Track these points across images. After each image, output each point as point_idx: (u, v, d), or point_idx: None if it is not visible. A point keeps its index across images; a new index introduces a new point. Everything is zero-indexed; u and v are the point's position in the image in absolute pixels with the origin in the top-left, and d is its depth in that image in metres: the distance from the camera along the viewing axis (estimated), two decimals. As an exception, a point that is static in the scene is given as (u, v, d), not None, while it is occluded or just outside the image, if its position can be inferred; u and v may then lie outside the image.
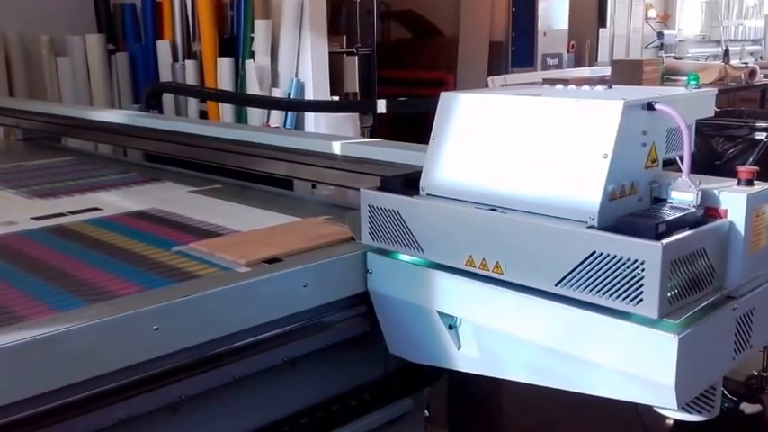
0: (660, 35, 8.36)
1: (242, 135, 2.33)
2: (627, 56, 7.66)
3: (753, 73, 5.75)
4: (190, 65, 4.44)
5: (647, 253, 1.09)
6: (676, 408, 1.12)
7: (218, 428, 1.39)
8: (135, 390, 1.23)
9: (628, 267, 1.11)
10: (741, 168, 1.23)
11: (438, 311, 1.38)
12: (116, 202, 2.07)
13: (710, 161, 3.79)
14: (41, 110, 3.27)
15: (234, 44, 4.32)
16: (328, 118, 4.24)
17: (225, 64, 4.24)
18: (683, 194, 1.22)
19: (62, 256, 1.56)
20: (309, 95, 4.20)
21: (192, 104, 4.49)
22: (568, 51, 7.09)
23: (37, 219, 1.87)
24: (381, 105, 2.94)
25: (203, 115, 4.45)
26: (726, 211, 1.21)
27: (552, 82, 2.34)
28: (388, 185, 1.48)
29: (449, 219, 1.35)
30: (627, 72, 4.94)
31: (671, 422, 1.74)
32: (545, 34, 6.91)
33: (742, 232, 1.19)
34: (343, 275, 1.49)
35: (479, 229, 1.29)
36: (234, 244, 1.57)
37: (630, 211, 1.20)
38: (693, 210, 1.19)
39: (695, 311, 1.13)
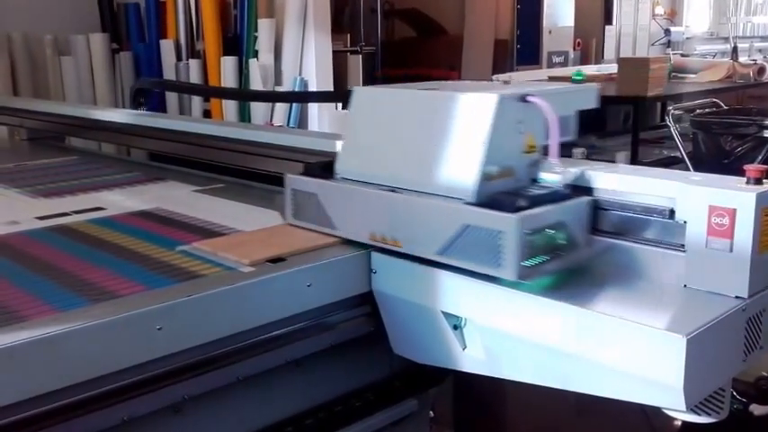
0: (667, 32, 8.26)
1: (244, 134, 2.32)
2: (634, 53, 7.57)
3: (761, 70, 5.69)
4: (194, 64, 4.44)
5: (506, 224, 1.26)
6: (685, 409, 1.10)
7: (222, 429, 1.39)
8: (138, 390, 1.23)
9: (492, 237, 1.27)
10: (750, 167, 1.22)
11: (443, 311, 1.37)
12: (120, 201, 2.06)
13: (719, 160, 3.77)
14: (45, 109, 3.26)
15: (238, 43, 4.31)
16: (332, 116, 4.22)
17: (229, 63, 4.23)
18: (551, 175, 1.39)
19: (65, 255, 1.56)
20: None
21: (196, 103, 4.49)
22: (574, 49, 7.03)
23: (41, 218, 1.87)
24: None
25: (207, 114, 4.45)
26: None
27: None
28: (309, 171, 1.65)
29: (355, 199, 1.52)
30: (633, 70, 4.89)
31: (679, 424, 1.72)
32: (550, 32, 6.86)
33: (751, 232, 1.17)
34: (347, 275, 1.48)
35: (380, 208, 1.47)
36: (237, 243, 1.56)
37: (506, 190, 1.35)
38: (558, 189, 1.36)
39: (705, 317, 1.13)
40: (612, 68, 5.87)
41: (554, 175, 1.38)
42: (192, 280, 1.37)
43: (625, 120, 6.46)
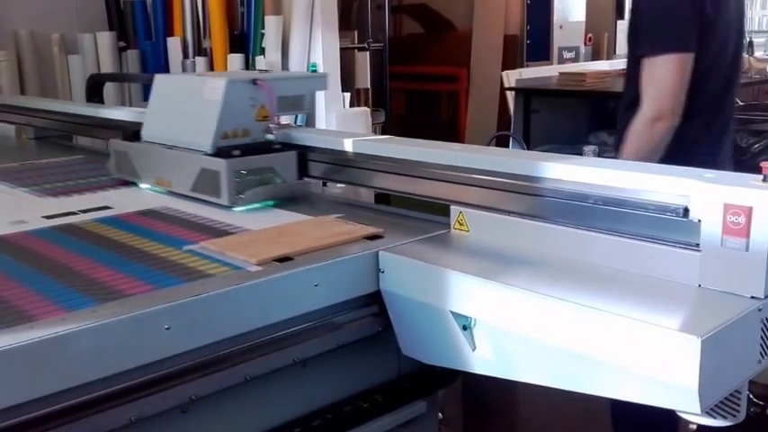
0: None
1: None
2: None
3: (778, 65, 5.62)
4: (200, 61, 4.42)
5: (220, 166, 1.85)
6: (700, 412, 1.08)
7: (229, 429, 1.38)
8: (145, 390, 1.22)
9: (216, 176, 1.86)
10: (766, 164, 1.20)
11: (451, 311, 1.36)
12: (127, 200, 2.05)
13: (735, 157, 3.73)
14: (52, 108, 3.25)
15: (244, 40, 4.30)
16: (340, 115, 4.21)
17: (235, 60, 4.22)
18: (269, 135, 1.97)
19: (73, 254, 1.55)
20: (321, 91, 4.16)
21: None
22: (585, 44, 6.93)
23: (48, 217, 1.86)
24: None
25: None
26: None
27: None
28: (125, 136, 2.25)
29: (149, 155, 2.13)
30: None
31: (694, 427, 1.70)
32: (561, 27, 6.78)
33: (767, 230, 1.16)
34: (354, 275, 1.46)
35: (160, 160, 2.08)
36: (245, 243, 1.55)
37: (236, 145, 1.90)
38: (270, 143, 1.97)
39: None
40: (624, 63, 5.81)
41: (271, 135, 1.97)
42: (200, 279, 1.36)
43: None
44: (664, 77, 2.17)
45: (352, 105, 4.44)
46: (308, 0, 4.02)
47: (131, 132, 2.22)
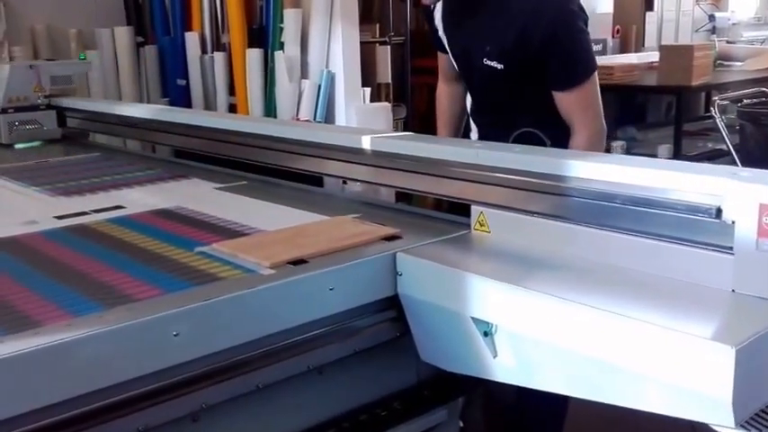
0: (711, 18, 7.89)
1: (270, 130, 2.27)
2: (676, 40, 7.19)
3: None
4: (219, 57, 4.39)
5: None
6: (734, 426, 1.03)
7: (241, 439, 1.33)
8: (154, 399, 1.18)
9: None
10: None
11: (472, 317, 1.30)
12: (140, 199, 2.02)
13: None
14: (68, 105, 3.24)
15: (263, 35, 4.26)
16: (360, 111, 4.16)
17: (254, 55, 4.18)
18: (39, 101, 3.11)
19: (82, 257, 1.51)
20: (341, 86, 4.12)
21: (222, 98, 4.45)
22: (613, 36, 6.77)
23: (59, 218, 1.83)
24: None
25: (232, 108, 4.41)
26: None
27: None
28: None
29: None
30: (676, 58, 4.72)
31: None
32: (588, 18, 6.64)
33: (805, 234, 1.09)
34: (371, 278, 1.41)
35: None
36: (258, 244, 1.51)
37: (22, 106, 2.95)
38: (38, 105, 3.10)
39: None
40: (654, 56, 5.68)
41: (39, 100, 3.12)
42: (210, 283, 1.32)
43: (667, 111, 6.29)
44: (595, 94, 2.18)
45: (372, 101, 4.38)
46: (328, -7, 3.97)
47: None
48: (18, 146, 3.02)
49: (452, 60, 2.34)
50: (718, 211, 1.19)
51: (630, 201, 1.31)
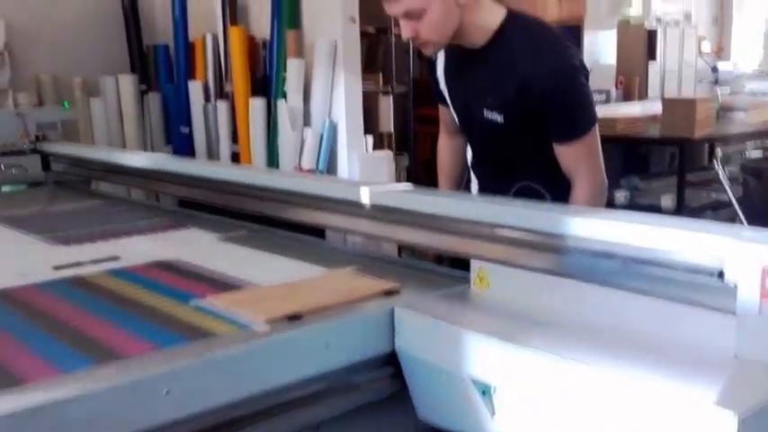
0: (714, 69, 7.94)
1: (270, 181, 2.25)
2: (679, 90, 7.23)
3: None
4: (222, 105, 4.41)
5: None
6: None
7: (234, 499, 1.29)
8: (141, 458, 1.14)
9: None
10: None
11: (470, 377, 1.28)
12: (138, 249, 2.00)
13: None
14: (71, 153, 3.25)
15: (266, 84, 4.28)
16: (362, 159, 4.16)
17: (257, 104, 4.20)
18: (25, 146, 3.28)
19: (75, 309, 1.49)
20: (343, 135, 4.13)
21: (225, 146, 4.46)
22: (616, 87, 6.80)
23: (56, 268, 1.81)
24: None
25: (235, 157, 4.41)
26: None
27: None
28: None
29: None
30: (679, 110, 4.73)
31: None
32: (591, 70, 6.66)
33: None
34: (368, 334, 1.38)
35: None
36: (254, 299, 1.49)
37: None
38: (23, 150, 3.29)
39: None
40: (657, 106, 5.69)
41: (25, 146, 3.27)
42: (203, 339, 1.30)
43: (670, 161, 6.30)
44: (596, 147, 2.15)
45: (375, 149, 4.39)
46: (331, 44, 4.00)
47: None
48: (5, 188, 3.25)
49: (453, 113, 2.34)
50: (721, 274, 1.17)
51: (631, 259, 1.29)
